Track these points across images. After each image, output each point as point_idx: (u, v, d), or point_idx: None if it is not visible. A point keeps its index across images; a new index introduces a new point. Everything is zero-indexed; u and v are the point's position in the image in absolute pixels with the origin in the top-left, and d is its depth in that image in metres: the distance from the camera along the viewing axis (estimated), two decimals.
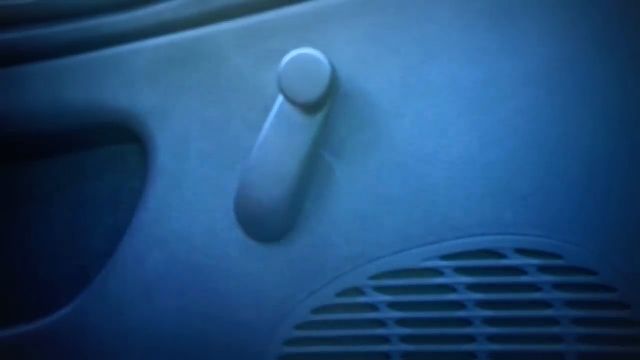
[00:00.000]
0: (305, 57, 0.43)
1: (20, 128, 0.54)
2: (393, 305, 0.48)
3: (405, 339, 0.48)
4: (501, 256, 0.47)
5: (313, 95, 0.43)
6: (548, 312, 0.47)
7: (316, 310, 0.49)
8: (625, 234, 0.46)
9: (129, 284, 0.51)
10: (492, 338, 0.47)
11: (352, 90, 0.48)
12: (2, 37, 0.53)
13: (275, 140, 0.46)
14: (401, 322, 0.48)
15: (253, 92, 0.50)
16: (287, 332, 0.49)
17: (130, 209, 0.53)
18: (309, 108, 0.44)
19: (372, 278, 0.48)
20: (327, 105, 0.45)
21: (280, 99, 0.45)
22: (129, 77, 0.52)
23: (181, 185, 0.50)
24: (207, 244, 0.50)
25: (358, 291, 0.48)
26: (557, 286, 0.47)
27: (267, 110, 0.49)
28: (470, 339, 0.47)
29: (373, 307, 0.48)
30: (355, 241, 0.48)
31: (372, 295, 0.48)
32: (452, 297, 0.47)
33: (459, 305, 0.47)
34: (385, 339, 0.48)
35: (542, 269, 0.47)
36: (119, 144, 0.56)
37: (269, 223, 0.47)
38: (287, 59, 0.43)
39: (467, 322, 0.47)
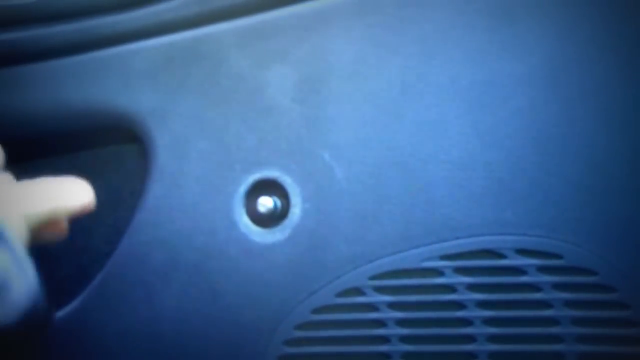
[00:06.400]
0: None
1: (20, 128, 0.54)
2: (393, 305, 0.48)
3: (405, 339, 0.48)
4: (501, 256, 0.47)
5: None
6: (548, 312, 0.47)
7: (316, 310, 0.49)
8: (625, 234, 0.46)
9: (129, 284, 0.51)
10: (492, 338, 0.47)
11: (352, 90, 0.48)
12: (2, 37, 0.53)
13: None
14: (401, 322, 0.48)
15: (253, 92, 0.50)
16: (287, 332, 0.49)
17: (130, 209, 0.53)
18: None
19: (372, 278, 0.48)
20: None
21: None
22: (128, 77, 0.52)
23: (181, 185, 0.50)
24: (208, 244, 0.50)
25: (358, 291, 0.48)
26: (557, 286, 0.47)
27: (267, 110, 0.49)
28: (470, 339, 0.47)
29: (373, 307, 0.48)
30: (355, 241, 0.48)
31: (371, 295, 0.48)
32: (452, 297, 0.47)
33: (459, 305, 0.47)
34: (385, 339, 0.48)
35: (542, 269, 0.47)
36: (119, 144, 0.56)
37: None
38: None
39: (467, 322, 0.47)
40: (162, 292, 0.51)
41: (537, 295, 0.47)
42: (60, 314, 0.52)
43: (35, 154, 0.57)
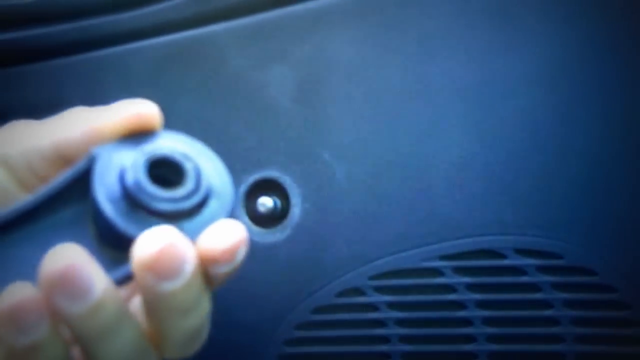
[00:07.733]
0: None
1: None
2: (393, 305, 0.48)
3: (405, 339, 0.48)
4: (501, 256, 0.47)
5: None
6: (548, 312, 0.47)
7: (316, 310, 0.49)
8: (625, 234, 0.46)
9: None
10: (492, 338, 0.47)
11: (352, 90, 0.48)
12: (2, 37, 0.53)
13: None
14: (401, 322, 0.48)
15: (253, 92, 0.50)
16: (287, 332, 0.49)
17: None
18: None
19: (372, 278, 0.48)
20: None
21: None
22: (128, 77, 0.52)
23: None
24: None
25: (358, 291, 0.48)
26: (557, 286, 0.47)
27: (267, 110, 0.49)
28: (470, 339, 0.47)
29: (373, 307, 0.48)
30: (355, 241, 0.48)
31: (371, 295, 0.48)
32: (452, 297, 0.47)
33: (459, 305, 0.47)
34: (385, 339, 0.48)
35: (542, 269, 0.47)
36: None
37: None
38: None
39: (467, 322, 0.47)
40: None
41: (537, 295, 0.47)
42: None
43: None
